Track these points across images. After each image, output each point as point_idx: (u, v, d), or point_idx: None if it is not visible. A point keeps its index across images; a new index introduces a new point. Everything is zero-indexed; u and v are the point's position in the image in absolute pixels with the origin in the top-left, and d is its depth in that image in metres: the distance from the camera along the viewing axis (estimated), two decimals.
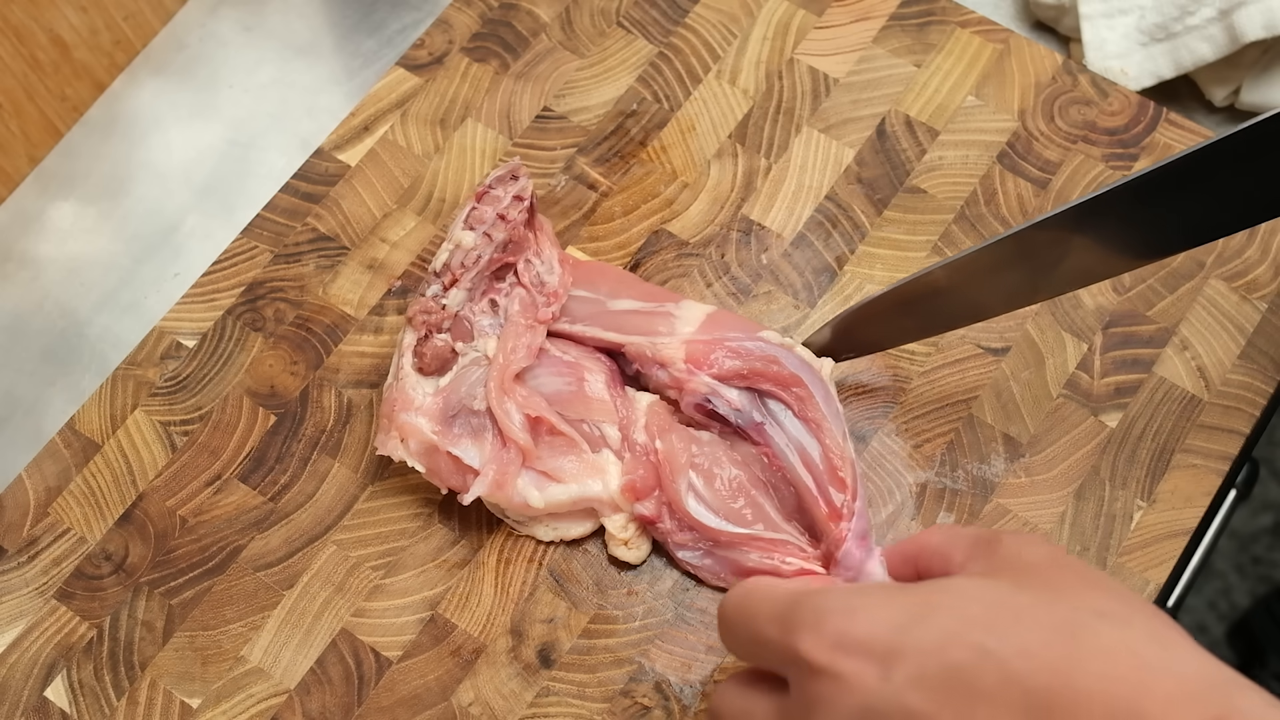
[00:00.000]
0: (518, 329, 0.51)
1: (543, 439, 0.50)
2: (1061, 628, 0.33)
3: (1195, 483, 0.51)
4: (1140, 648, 0.33)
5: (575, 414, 0.51)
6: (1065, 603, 0.35)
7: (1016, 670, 0.33)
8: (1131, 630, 0.34)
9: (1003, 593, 0.35)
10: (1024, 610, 0.34)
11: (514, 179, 0.52)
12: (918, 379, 0.53)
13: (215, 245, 0.58)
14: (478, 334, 0.51)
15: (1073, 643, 0.33)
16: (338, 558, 0.51)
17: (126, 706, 0.50)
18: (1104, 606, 0.34)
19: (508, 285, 0.52)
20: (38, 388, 0.57)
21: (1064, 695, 0.32)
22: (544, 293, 0.52)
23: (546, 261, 0.52)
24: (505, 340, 0.51)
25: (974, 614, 0.34)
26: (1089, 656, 0.33)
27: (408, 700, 0.49)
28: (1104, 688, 0.32)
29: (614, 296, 0.52)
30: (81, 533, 0.52)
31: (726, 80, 0.59)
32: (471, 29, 0.61)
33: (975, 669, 0.33)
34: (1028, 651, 0.33)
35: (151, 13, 0.63)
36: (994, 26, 0.59)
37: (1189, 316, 0.54)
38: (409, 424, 0.49)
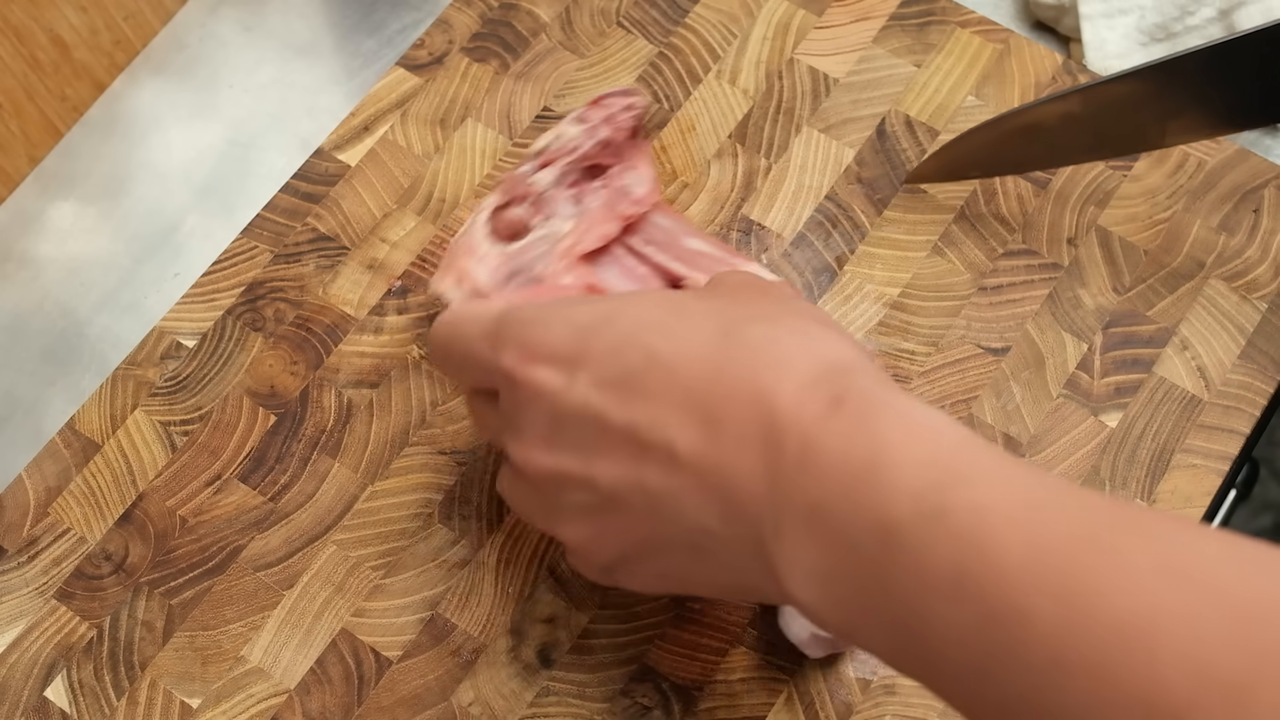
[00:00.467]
0: (595, 216, 0.52)
1: None
2: (719, 329, 0.36)
3: (1195, 483, 0.51)
4: (783, 342, 0.36)
5: None
6: (731, 310, 0.37)
7: (677, 369, 0.36)
8: (778, 328, 0.36)
9: (678, 301, 0.38)
10: (692, 314, 0.37)
11: (630, 95, 0.53)
12: (917, 379, 0.53)
13: (215, 245, 0.58)
14: (556, 217, 0.52)
15: (725, 341, 0.36)
16: (338, 558, 0.51)
17: (126, 706, 0.50)
18: (765, 312, 0.37)
19: (597, 185, 0.53)
20: (37, 388, 0.57)
21: (713, 389, 0.35)
22: (629, 200, 0.52)
23: (639, 176, 0.53)
24: (581, 222, 0.51)
25: (647, 318, 0.37)
26: (737, 353, 0.35)
27: (408, 700, 0.49)
28: (745, 380, 0.35)
29: (688, 236, 0.53)
30: (81, 533, 0.52)
31: (726, 80, 0.59)
32: (471, 29, 0.61)
33: (643, 368, 0.36)
34: (687, 353, 0.36)
35: (151, 13, 0.63)
36: (994, 26, 0.59)
37: (1189, 316, 0.54)
38: (469, 270, 0.50)
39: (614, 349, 0.37)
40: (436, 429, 0.53)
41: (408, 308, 0.55)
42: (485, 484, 0.52)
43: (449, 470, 0.53)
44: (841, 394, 0.34)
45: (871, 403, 0.34)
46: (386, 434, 0.53)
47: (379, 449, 0.53)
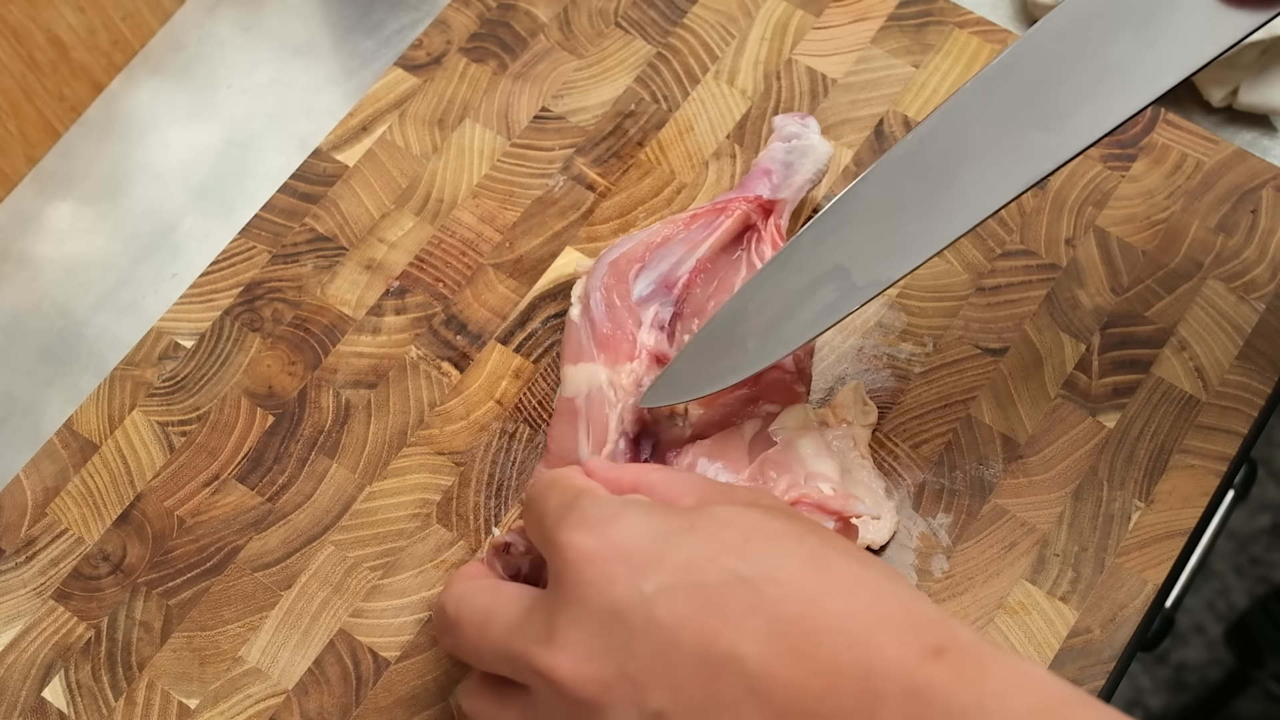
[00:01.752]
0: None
1: None
2: (812, 559, 0.35)
3: (1193, 483, 0.51)
4: (877, 584, 0.35)
5: None
6: (815, 537, 0.36)
7: (766, 596, 0.34)
8: (870, 569, 0.36)
9: (757, 520, 0.37)
10: (777, 538, 0.36)
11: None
12: (915, 379, 0.53)
13: (213, 245, 0.58)
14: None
15: (822, 575, 0.35)
16: (335, 558, 0.51)
17: (124, 707, 0.49)
18: (846, 546, 0.37)
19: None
20: (35, 388, 0.57)
21: (808, 622, 0.34)
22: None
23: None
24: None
25: (729, 538, 0.36)
26: (835, 588, 0.35)
27: (406, 700, 0.49)
28: (839, 616, 0.34)
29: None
30: (79, 533, 0.52)
31: (725, 80, 0.59)
32: (470, 29, 0.61)
33: (726, 590, 0.35)
34: (778, 579, 0.35)
35: (149, 13, 0.63)
36: (992, 27, 0.59)
37: (1187, 317, 0.54)
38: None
39: (691, 563, 0.35)
40: (434, 429, 0.53)
41: (405, 308, 0.55)
42: (483, 484, 0.52)
43: (447, 471, 0.53)
44: (944, 644, 0.34)
45: (976, 654, 0.34)
46: (384, 434, 0.53)
47: (377, 449, 0.53)
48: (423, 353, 0.55)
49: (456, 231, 0.57)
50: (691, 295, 0.52)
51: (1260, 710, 1.14)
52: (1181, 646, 1.23)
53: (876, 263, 0.45)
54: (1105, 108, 0.42)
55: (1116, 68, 0.42)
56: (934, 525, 0.51)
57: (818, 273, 0.46)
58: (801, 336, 0.46)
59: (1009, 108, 0.43)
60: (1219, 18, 0.41)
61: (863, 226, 0.45)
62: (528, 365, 0.54)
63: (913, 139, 0.45)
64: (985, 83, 0.44)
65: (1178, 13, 0.41)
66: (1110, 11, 0.42)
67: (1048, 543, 0.50)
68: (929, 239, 0.44)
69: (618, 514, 0.37)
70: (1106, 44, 0.42)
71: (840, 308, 0.45)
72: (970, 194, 0.44)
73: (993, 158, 0.44)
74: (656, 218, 0.56)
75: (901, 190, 0.45)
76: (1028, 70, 0.43)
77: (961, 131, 0.44)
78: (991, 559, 0.50)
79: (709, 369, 0.48)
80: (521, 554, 0.46)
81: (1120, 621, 0.49)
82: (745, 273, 0.52)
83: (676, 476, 0.41)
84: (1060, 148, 0.43)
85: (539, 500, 0.40)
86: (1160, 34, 0.42)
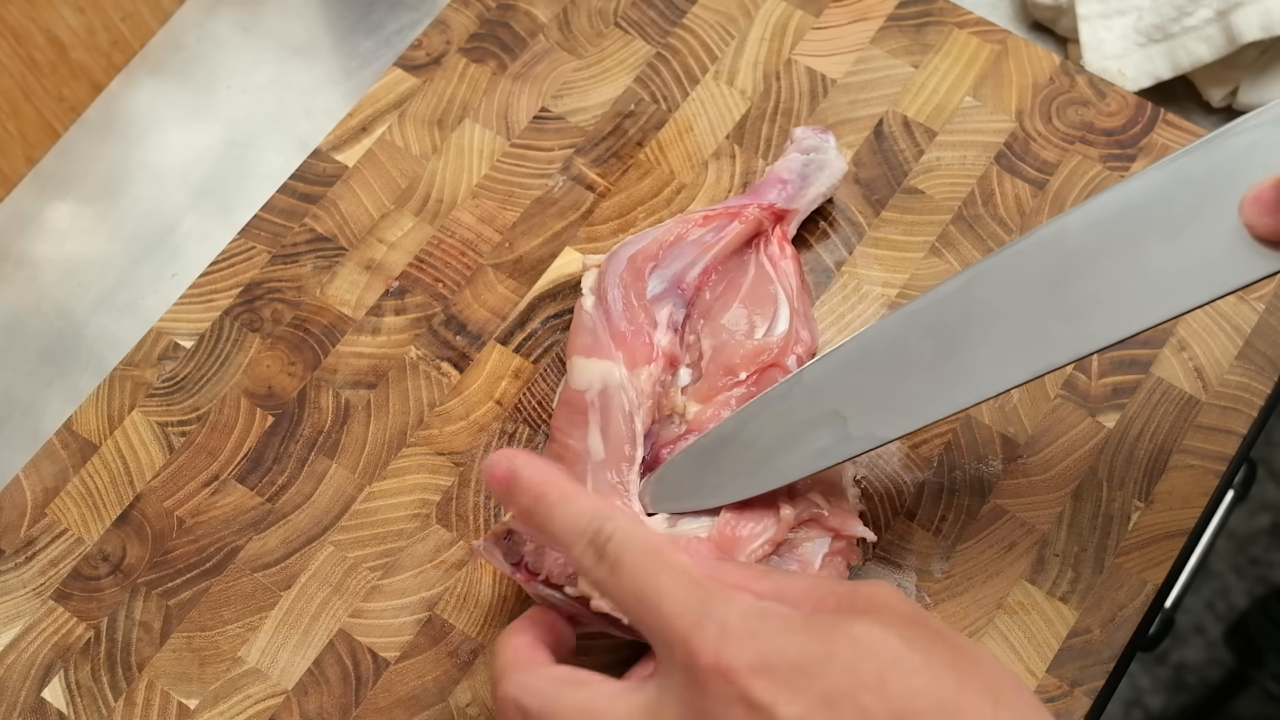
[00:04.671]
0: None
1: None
2: (944, 702, 0.35)
3: (1193, 483, 0.51)
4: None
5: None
6: (950, 673, 0.36)
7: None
8: (1002, 710, 0.35)
9: (895, 651, 0.36)
10: (912, 676, 0.35)
11: None
12: None
13: (213, 246, 0.58)
14: None
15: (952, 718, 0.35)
16: (335, 558, 0.51)
17: (124, 707, 0.49)
18: (982, 683, 0.36)
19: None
20: (35, 388, 0.57)
21: None
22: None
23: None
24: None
25: (866, 674, 0.35)
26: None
27: (405, 701, 0.49)
28: None
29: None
30: (79, 533, 0.52)
31: (724, 81, 0.59)
32: (469, 30, 0.61)
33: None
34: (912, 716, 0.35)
35: (149, 13, 0.63)
36: (992, 27, 0.59)
37: (1186, 317, 0.54)
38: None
39: (826, 699, 0.35)
40: (434, 430, 0.53)
41: (405, 308, 0.55)
42: (483, 484, 0.52)
43: (446, 471, 0.53)
44: None
45: None
46: (384, 435, 0.53)
47: (376, 450, 0.53)
48: (422, 353, 0.55)
49: (456, 232, 0.57)
50: (700, 297, 0.52)
51: (1260, 710, 1.14)
52: (1181, 646, 1.23)
53: (874, 418, 0.45)
54: (1125, 314, 0.42)
55: (1143, 275, 0.42)
56: (934, 525, 0.51)
57: (815, 414, 0.46)
58: (790, 474, 0.47)
59: (1031, 290, 0.43)
60: (1253, 252, 0.41)
61: (867, 377, 0.46)
62: (527, 365, 0.54)
63: (934, 296, 0.45)
64: (1014, 257, 0.44)
65: (1212, 234, 0.41)
66: (1146, 214, 0.42)
67: (1047, 543, 0.50)
68: (929, 406, 0.45)
69: (758, 630, 0.36)
70: (1137, 247, 0.42)
71: (832, 455, 0.46)
72: (979, 370, 0.44)
73: (1008, 337, 0.44)
74: (656, 218, 0.56)
75: (912, 349, 0.45)
76: (1055, 254, 0.43)
77: (981, 301, 0.44)
78: (991, 559, 0.50)
79: (697, 484, 0.48)
80: (523, 542, 0.46)
81: (1120, 621, 0.49)
82: (753, 273, 0.53)
83: (788, 584, 0.40)
84: (1076, 343, 0.43)
85: (643, 571, 0.38)
86: (1192, 250, 0.41)
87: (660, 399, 0.50)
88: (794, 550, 0.47)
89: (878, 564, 0.50)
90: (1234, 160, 0.41)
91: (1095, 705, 0.48)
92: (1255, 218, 0.40)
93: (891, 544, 0.51)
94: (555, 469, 0.42)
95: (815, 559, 0.47)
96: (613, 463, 0.48)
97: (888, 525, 0.51)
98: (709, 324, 0.52)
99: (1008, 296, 0.44)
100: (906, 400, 0.45)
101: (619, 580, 0.39)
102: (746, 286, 0.52)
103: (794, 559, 0.47)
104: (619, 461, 0.48)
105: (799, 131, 0.55)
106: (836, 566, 0.48)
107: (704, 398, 0.50)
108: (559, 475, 0.42)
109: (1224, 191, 0.41)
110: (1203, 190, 0.42)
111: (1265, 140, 0.41)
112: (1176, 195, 0.42)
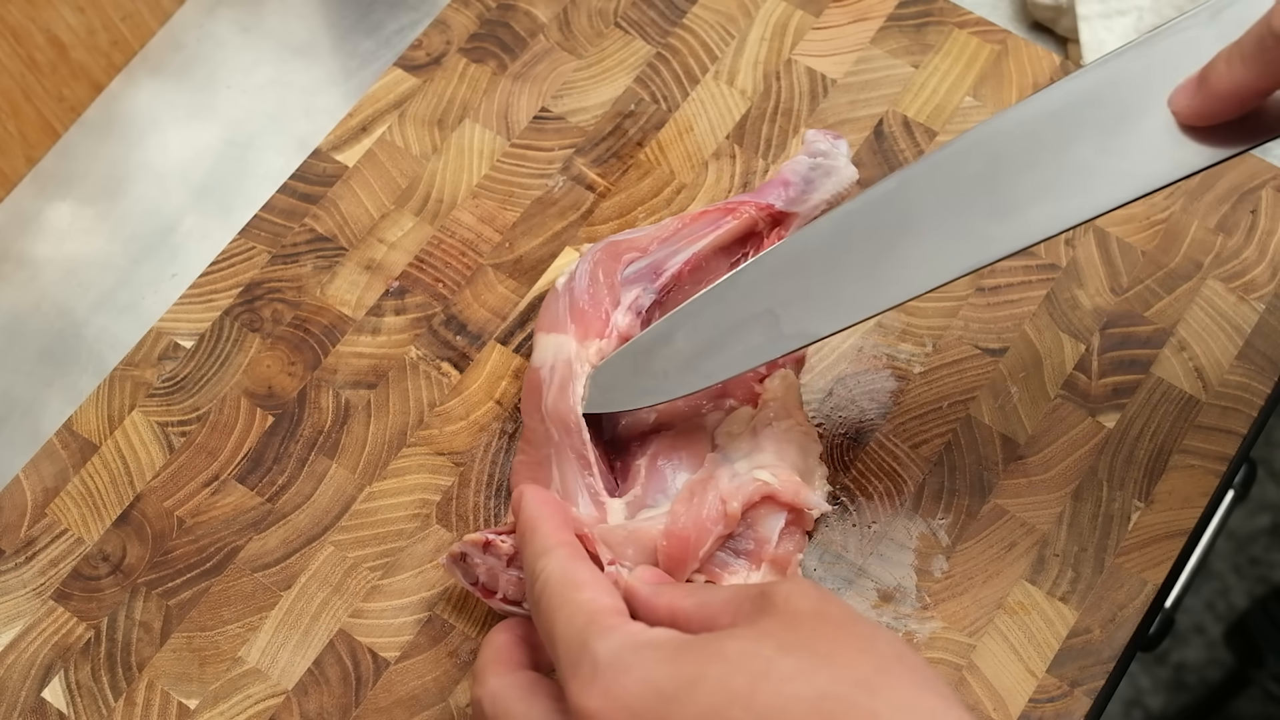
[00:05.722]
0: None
1: None
2: (817, 705, 0.34)
3: (1193, 483, 0.51)
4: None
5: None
6: (825, 671, 0.35)
7: None
8: (879, 701, 0.34)
9: (767, 661, 0.36)
10: (785, 683, 0.35)
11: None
12: (915, 380, 0.53)
13: (213, 246, 0.58)
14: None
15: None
16: (335, 558, 0.51)
17: (124, 707, 0.49)
18: (861, 673, 0.35)
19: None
20: (35, 388, 0.57)
21: None
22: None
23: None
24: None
25: (737, 688, 0.35)
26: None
27: (405, 701, 0.49)
28: None
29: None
30: (79, 533, 0.52)
31: (724, 81, 0.59)
32: (469, 30, 0.61)
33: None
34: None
35: (149, 13, 0.63)
36: (992, 27, 0.59)
37: (1186, 317, 0.54)
38: None
39: (709, 715, 0.35)
40: (434, 430, 0.53)
41: (405, 308, 0.55)
42: (483, 484, 0.52)
43: (446, 471, 0.53)
44: None
45: None
46: (384, 435, 0.53)
47: (376, 450, 0.53)
48: (422, 353, 0.55)
49: (456, 232, 0.57)
50: (679, 289, 0.52)
51: (1260, 710, 1.14)
52: (1181, 646, 1.23)
53: (806, 316, 0.46)
54: (1055, 211, 0.43)
55: (1075, 173, 0.43)
56: (934, 525, 0.51)
57: (748, 314, 0.46)
58: (720, 374, 0.47)
59: (965, 189, 0.44)
60: (1181, 146, 0.41)
61: (801, 277, 0.46)
62: (527, 365, 0.54)
63: (866, 199, 0.45)
64: (947, 158, 0.44)
65: (1142, 130, 0.42)
66: (1079, 114, 0.43)
67: (1047, 543, 0.50)
68: (860, 304, 0.45)
69: (629, 665, 0.37)
70: (1070, 146, 0.43)
71: (764, 353, 0.46)
72: (909, 268, 0.44)
73: (939, 236, 0.44)
74: (656, 218, 0.56)
75: (845, 249, 0.45)
76: (989, 154, 0.44)
77: (915, 202, 0.44)
78: (991, 559, 0.50)
79: (627, 386, 0.48)
80: (476, 564, 0.47)
81: (1120, 621, 0.49)
82: None
83: (711, 598, 0.40)
84: (1005, 240, 0.43)
85: (547, 609, 0.40)
86: (1123, 147, 0.42)
87: None
88: (751, 528, 0.48)
89: (878, 564, 0.50)
90: (1165, 59, 0.42)
91: (1095, 705, 0.48)
92: (1180, 102, 0.41)
93: (891, 544, 0.51)
94: (549, 502, 0.44)
95: (773, 534, 0.48)
96: (566, 440, 0.49)
97: (888, 526, 0.51)
98: None
99: (941, 196, 0.44)
100: (839, 297, 0.45)
101: (538, 618, 0.41)
102: None
103: (751, 537, 0.48)
104: (571, 436, 0.49)
105: (811, 134, 0.54)
106: (794, 538, 0.48)
107: None
108: (540, 507, 0.44)
109: (1155, 89, 0.42)
110: (1135, 89, 0.42)
111: (1196, 39, 0.42)
112: (1109, 94, 0.42)
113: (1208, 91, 0.40)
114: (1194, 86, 0.41)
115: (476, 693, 0.42)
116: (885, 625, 0.49)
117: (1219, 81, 0.40)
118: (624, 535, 0.46)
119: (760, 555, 0.47)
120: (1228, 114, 0.41)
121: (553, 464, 0.49)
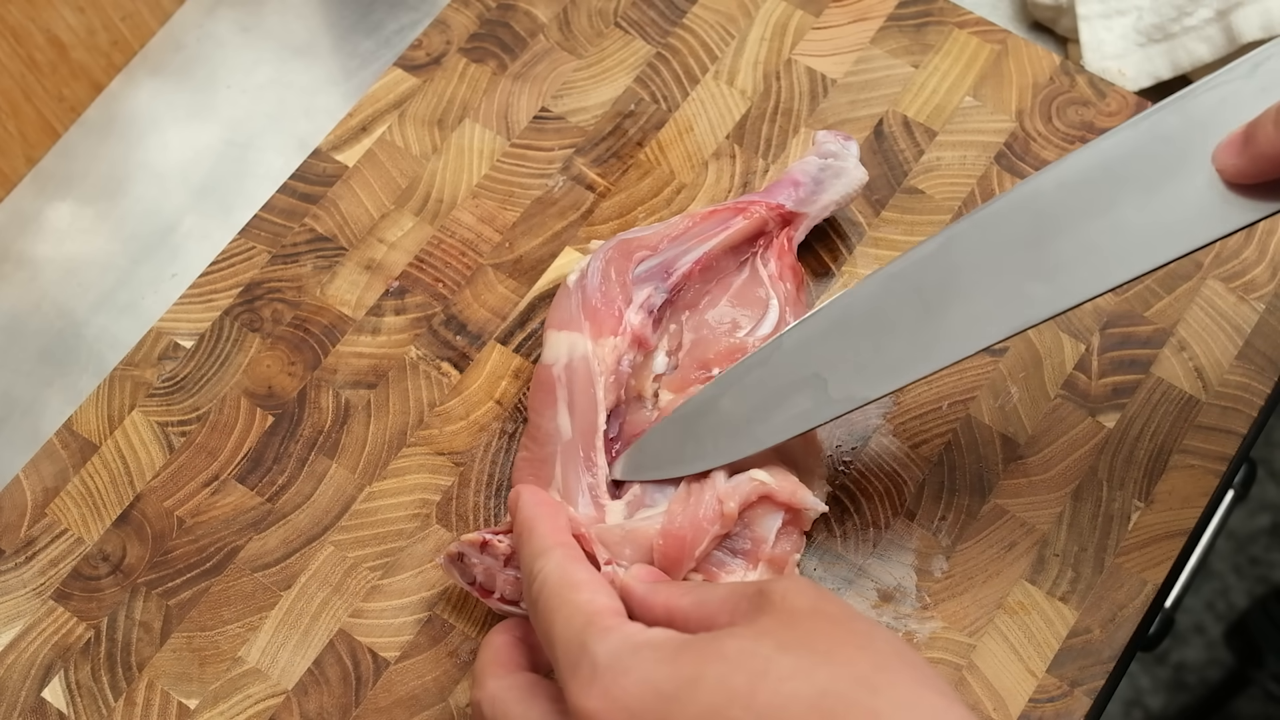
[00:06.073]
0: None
1: None
2: (817, 704, 0.34)
3: (1193, 483, 0.51)
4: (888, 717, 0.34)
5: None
6: (825, 669, 0.35)
7: None
8: (880, 698, 0.34)
9: (766, 659, 0.36)
10: (784, 681, 0.35)
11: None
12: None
13: (213, 246, 0.58)
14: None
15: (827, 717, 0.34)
16: (335, 558, 0.51)
17: (124, 707, 0.49)
18: (861, 671, 0.35)
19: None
20: (35, 388, 0.57)
21: None
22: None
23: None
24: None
25: (736, 687, 0.35)
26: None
27: (405, 701, 0.49)
28: None
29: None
30: (79, 533, 0.52)
31: (724, 81, 0.59)
32: (469, 29, 0.61)
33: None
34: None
35: (149, 13, 0.63)
36: (992, 27, 0.59)
37: (1186, 317, 0.54)
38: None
39: (708, 714, 0.35)
40: (434, 430, 0.53)
41: (405, 308, 0.55)
42: (483, 484, 0.52)
43: (446, 471, 0.53)
44: None
45: None
46: (384, 435, 0.53)
47: (376, 450, 0.53)
48: (422, 353, 0.55)
49: (456, 232, 0.57)
50: (689, 288, 0.52)
51: (1260, 710, 1.14)
52: (1181, 646, 1.23)
53: (854, 380, 0.46)
54: (1100, 271, 0.42)
55: (1118, 232, 0.42)
56: (934, 525, 0.51)
57: (795, 378, 0.46)
58: (769, 439, 0.47)
59: (1008, 250, 0.44)
60: (1226, 203, 0.41)
61: (847, 340, 0.46)
62: (527, 365, 0.54)
63: (911, 259, 0.45)
64: (990, 218, 0.44)
65: (1185, 188, 0.41)
66: (1120, 171, 0.42)
67: (1047, 543, 0.50)
68: (907, 367, 0.45)
69: (629, 667, 0.37)
70: (1113, 204, 0.42)
71: (812, 418, 0.46)
72: (957, 330, 0.44)
73: (986, 297, 0.44)
74: (656, 218, 0.56)
75: (890, 311, 0.45)
76: (1031, 214, 0.43)
77: (958, 263, 0.44)
78: (991, 559, 0.50)
79: (676, 453, 0.48)
80: (473, 565, 0.47)
81: (1120, 621, 0.49)
82: (747, 274, 0.52)
83: (708, 596, 0.40)
84: (1053, 301, 0.43)
85: (545, 610, 0.40)
86: (1167, 205, 0.42)
87: (627, 379, 0.50)
88: (748, 528, 0.48)
89: (878, 564, 0.50)
90: (1206, 115, 0.41)
91: (1095, 705, 0.48)
92: (1225, 160, 0.41)
93: (891, 544, 0.51)
94: (545, 503, 0.44)
95: (770, 534, 0.48)
96: (580, 438, 0.49)
97: (888, 525, 0.51)
98: (694, 316, 0.52)
99: (984, 256, 0.44)
100: (885, 361, 0.45)
101: (536, 619, 0.41)
102: (737, 286, 0.52)
103: (747, 537, 0.48)
104: (586, 435, 0.49)
105: (821, 134, 0.54)
106: (791, 538, 0.48)
107: (677, 388, 0.50)
108: (537, 508, 0.44)
109: (1197, 145, 0.41)
110: (1176, 145, 0.42)
111: (1237, 94, 0.41)
112: (1150, 151, 0.42)
113: (1255, 152, 0.40)
114: (1240, 145, 0.40)
115: (476, 695, 0.43)
116: (885, 625, 0.49)
117: (1267, 142, 0.39)
118: (621, 535, 0.46)
119: (757, 555, 0.47)
120: (1275, 174, 0.40)
121: (556, 462, 0.49)
